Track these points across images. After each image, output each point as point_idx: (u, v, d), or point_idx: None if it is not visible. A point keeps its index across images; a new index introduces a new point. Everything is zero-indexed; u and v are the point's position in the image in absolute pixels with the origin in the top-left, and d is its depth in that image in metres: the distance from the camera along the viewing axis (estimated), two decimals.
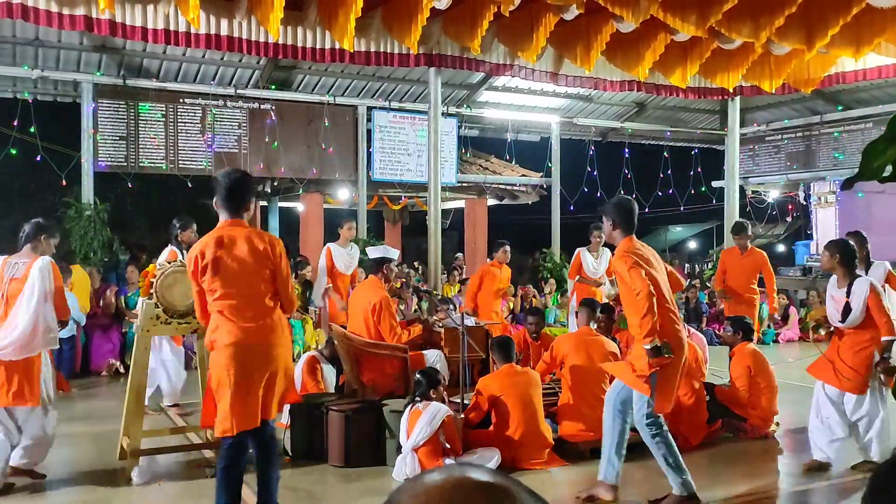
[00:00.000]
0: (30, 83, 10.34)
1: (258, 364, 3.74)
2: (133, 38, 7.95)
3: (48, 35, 9.36)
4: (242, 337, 3.71)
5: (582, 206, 14.67)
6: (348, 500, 4.49)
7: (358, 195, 12.21)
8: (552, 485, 4.83)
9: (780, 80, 10.69)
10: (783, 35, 8.78)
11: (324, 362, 6.23)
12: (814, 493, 4.69)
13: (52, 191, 14.72)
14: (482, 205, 15.55)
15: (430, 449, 4.72)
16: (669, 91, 11.20)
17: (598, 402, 5.51)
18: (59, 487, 4.74)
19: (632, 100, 13.92)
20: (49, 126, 10.62)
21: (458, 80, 12.18)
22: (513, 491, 0.72)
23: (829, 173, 13.98)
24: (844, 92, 13.10)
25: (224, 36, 8.24)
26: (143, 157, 10.50)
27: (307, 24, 8.64)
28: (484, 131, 14.39)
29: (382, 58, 9.14)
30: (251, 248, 3.78)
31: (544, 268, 13.60)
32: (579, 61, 9.50)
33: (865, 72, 10.54)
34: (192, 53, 10.17)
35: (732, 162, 12.89)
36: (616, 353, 5.78)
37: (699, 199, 15.57)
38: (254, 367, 3.72)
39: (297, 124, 11.51)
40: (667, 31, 9.00)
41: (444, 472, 0.75)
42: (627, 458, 5.22)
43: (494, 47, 9.64)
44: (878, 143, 1.11)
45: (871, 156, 1.11)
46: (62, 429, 5.90)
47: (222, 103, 10.98)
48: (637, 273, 4.13)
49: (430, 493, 0.71)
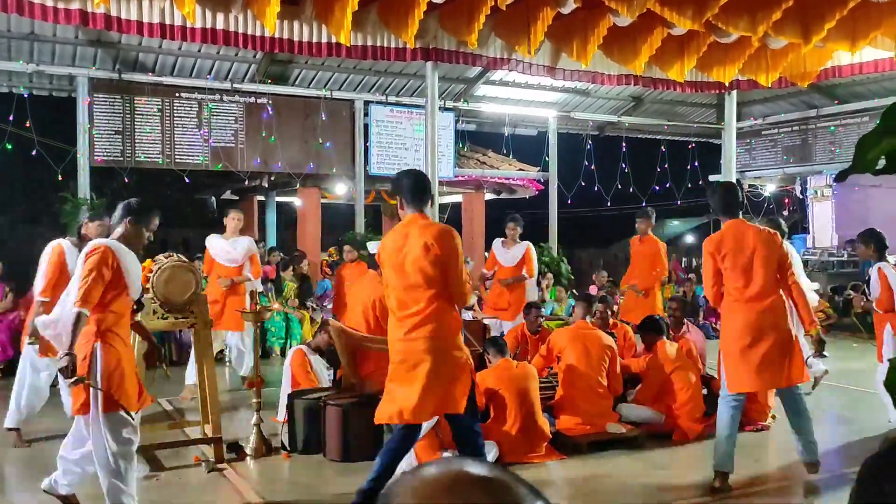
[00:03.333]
0: (25, 78, 10.29)
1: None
2: (128, 32, 7.92)
3: (43, 29, 9.32)
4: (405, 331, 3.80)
5: (579, 201, 14.68)
6: (346, 494, 4.49)
7: (355, 190, 12.19)
8: (549, 478, 4.84)
9: (776, 73, 10.69)
10: (780, 29, 8.77)
11: (311, 354, 6.23)
12: (811, 485, 4.71)
13: (49, 186, 14.68)
14: (480, 199, 15.53)
15: (428, 443, 4.73)
16: (666, 85, 11.19)
17: (595, 396, 5.53)
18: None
19: (629, 94, 13.90)
20: (45, 121, 10.57)
21: (455, 75, 12.15)
22: (510, 484, 0.72)
23: (825, 167, 14.00)
24: (841, 86, 13.10)
25: (220, 30, 8.21)
26: (139, 152, 10.47)
27: (303, 18, 8.61)
28: (481, 126, 14.37)
29: (379, 52, 9.11)
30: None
31: (542, 262, 13.60)
32: (576, 55, 9.48)
33: (861, 65, 10.53)
34: (187, 48, 10.13)
35: (729, 156, 12.89)
36: (612, 347, 5.79)
37: (696, 192, 15.58)
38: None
39: (294, 119, 11.48)
40: (663, 24, 8.98)
41: (441, 465, 0.75)
42: (624, 453, 5.25)
43: (491, 41, 9.62)
44: (872, 135, 1.11)
45: (864, 148, 1.11)
46: (58, 424, 5.92)
47: (219, 98, 10.95)
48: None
49: (426, 487, 0.71)
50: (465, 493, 0.70)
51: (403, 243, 3.84)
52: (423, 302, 3.77)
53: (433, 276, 3.76)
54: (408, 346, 3.80)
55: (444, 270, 3.77)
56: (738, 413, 4.52)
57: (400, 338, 3.83)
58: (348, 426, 5.10)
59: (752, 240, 4.41)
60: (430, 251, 3.75)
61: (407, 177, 4.00)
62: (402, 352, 3.83)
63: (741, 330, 4.37)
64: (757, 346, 4.34)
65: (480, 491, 0.70)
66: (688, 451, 5.38)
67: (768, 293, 4.38)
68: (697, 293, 12.73)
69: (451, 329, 3.86)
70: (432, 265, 3.75)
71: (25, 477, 4.88)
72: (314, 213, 13.19)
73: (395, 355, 3.86)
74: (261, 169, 11.46)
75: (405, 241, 3.84)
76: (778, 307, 4.41)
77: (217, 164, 10.95)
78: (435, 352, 3.78)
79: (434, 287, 3.77)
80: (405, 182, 3.96)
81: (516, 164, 14.59)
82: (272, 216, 16.08)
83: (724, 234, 4.50)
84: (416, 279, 3.77)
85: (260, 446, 5.21)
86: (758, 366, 4.33)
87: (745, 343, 4.35)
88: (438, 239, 3.77)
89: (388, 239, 3.93)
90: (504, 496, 0.70)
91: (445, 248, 3.76)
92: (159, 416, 6.30)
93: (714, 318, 11.51)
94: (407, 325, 3.80)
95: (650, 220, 8.34)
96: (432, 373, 3.75)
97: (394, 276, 3.84)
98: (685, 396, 5.66)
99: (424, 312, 3.77)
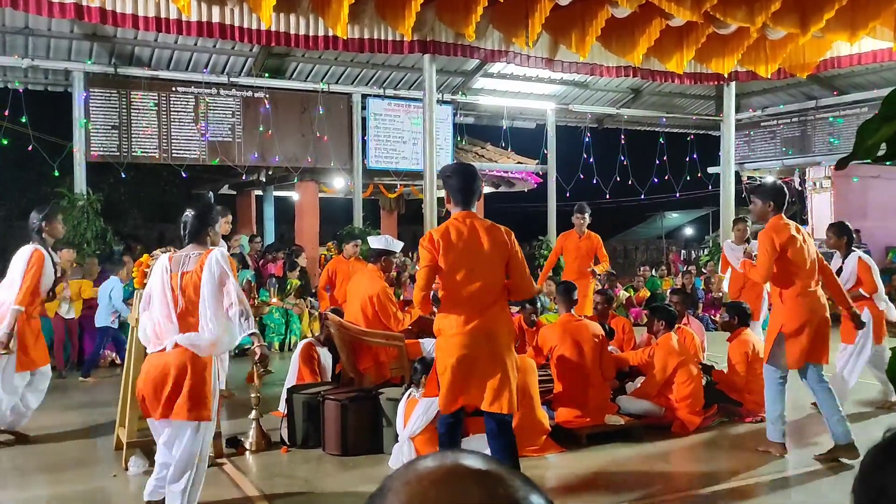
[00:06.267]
0: (20, 72, 10.26)
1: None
2: (124, 25, 7.89)
3: (38, 23, 9.27)
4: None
5: (578, 193, 14.66)
6: (345, 488, 4.49)
7: (353, 183, 12.17)
8: (549, 471, 4.84)
9: (775, 64, 10.67)
10: (778, 19, 8.75)
11: (319, 347, 6.24)
12: (811, 476, 4.71)
13: (45, 181, 14.64)
14: None
15: (427, 437, 4.72)
16: (665, 77, 11.17)
17: (592, 388, 5.52)
18: (55, 477, 4.73)
19: (627, 86, 13.88)
20: (40, 116, 10.55)
21: (452, 67, 12.12)
22: (506, 478, 0.71)
23: (824, 158, 13.99)
24: (839, 76, 13.08)
25: (216, 23, 8.18)
26: (135, 147, 10.44)
27: (300, 10, 8.58)
28: (479, 118, 14.35)
29: (376, 45, 9.08)
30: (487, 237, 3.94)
31: (541, 255, 13.61)
32: (574, 47, 9.46)
33: (860, 56, 10.52)
34: (183, 41, 10.09)
35: (728, 147, 12.87)
36: (600, 334, 5.76)
37: (695, 185, 15.59)
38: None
39: (291, 112, 11.45)
40: (662, 16, 8.96)
41: (438, 458, 0.74)
42: (623, 445, 5.25)
43: (489, 33, 9.59)
44: (873, 122, 1.09)
45: (865, 134, 1.10)
46: (59, 419, 5.92)
47: (215, 91, 10.92)
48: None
49: (422, 480, 0.70)
50: (461, 486, 0.69)
51: (475, 238, 3.91)
52: (493, 296, 3.91)
53: (503, 272, 3.95)
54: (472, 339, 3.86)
55: (516, 266, 3.97)
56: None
57: (463, 331, 3.86)
58: (347, 420, 5.09)
59: (802, 234, 5.00)
60: (502, 248, 3.92)
61: (456, 175, 4.07)
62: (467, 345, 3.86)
63: (808, 314, 4.83)
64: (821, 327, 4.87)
65: (475, 484, 0.69)
66: (687, 443, 5.38)
67: (817, 282, 4.98)
68: (697, 285, 12.74)
69: (511, 323, 4.18)
70: (502, 261, 3.93)
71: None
72: (312, 207, 13.18)
73: (460, 348, 3.86)
74: (258, 163, 11.44)
75: (475, 236, 3.91)
76: (823, 295, 4.99)
77: (214, 158, 10.92)
78: (506, 346, 3.94)
79: (502, 282, 3.95)
80: (454, 181, 4.04)
81: (515, 157, 14.57)
82: (270, 210, 16.07)
83: (784, 226, 4.90)
84: (480, 272, 3.88)
85: (259, 441, 5.20)
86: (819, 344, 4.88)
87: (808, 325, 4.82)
88: (509, 236, 3.97)
89: (452, 232, 3.91)
90: (499, 489, 0.69)
91: (515, 246, 3.98)
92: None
93: (713, 310, 11.51)
94: (473, 317, 3.86)
95: (587, 217, 8.26)
96: (509, 363, 3.92)
97: (464, 270, 3.87)
98: (686, 390, 5.65)
99: (487, 304, 3.89)
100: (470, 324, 3.84)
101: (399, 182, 13.35)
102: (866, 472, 0.91)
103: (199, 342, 3.70)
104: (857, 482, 0.91)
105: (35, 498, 4.39)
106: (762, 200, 4.98)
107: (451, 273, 3.86)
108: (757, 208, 5.05)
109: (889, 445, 0.91)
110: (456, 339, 3.86)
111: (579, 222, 8.21)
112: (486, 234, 3.91)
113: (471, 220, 3.97)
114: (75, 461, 5.05)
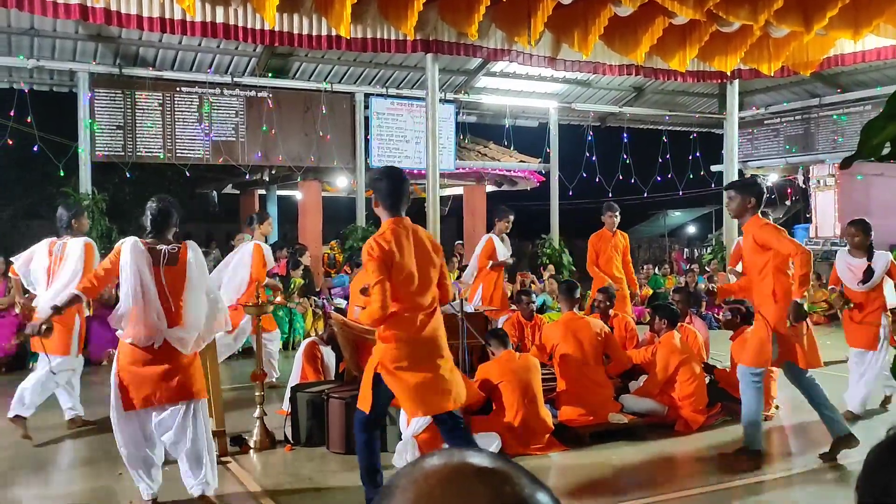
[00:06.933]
0: (26, 73, 10.29)
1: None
2: (128, 26, 7.90)
3: (43, 24, 9.30)
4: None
5: (581, 192, 14.66)
6: (349, 487, 4.50)
7: (356, 182, 12.19)
8: (552, 470, 4.85)
9: (778, 62, 10.65)
10: (782, 17, 8.74)
11: (322, 346, 6.25)
12: (815, 474, 4.71)
13: (50, 181, 14.68)
14: (481, 191, 15.53)
15: (431, 436, 4.73)
16: (668, 75, 11.15)
17: (595, 386, 5.53)
18: (61, 475, 4.76)
19: (630, 84, 13.86)
20: (45, 116, 10.57)
21: (455, 66, 12.12)
22: (512, 475, 0.71)
23: (828, 156, 13.96)
24: (843, 74, 13.05)
25: (220, 24, 8.19)
26: (140, 147, 10.46)
27: (303, 10, 8.59)
28: (482, 117, 14.35)
29: (379, 44, 9.09)
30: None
31: (543, 253, 13.61)
32: (577, 46, 9.45)
33: (864, 53, 10.49)
34: (188, 42, 10.11)
35: (731, 145, 12.85)
36: (603, 330, 5.77)
37: (698, 183, 15.56)
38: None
39: (295, 112, 11.46)
40: (665, 14, 8.95)
41: (444, 456, 0.74)
42: (627, 444, 5.26)
43: (492, 32, 9.59)
44: (878, 121, 1.10)
45: (870, 133, 1.10)
46: (63, 418, 5.94)
47: (219, 91, 10.94)
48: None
49: (430, 478, 0.71)
50: (467, 484, 0.70)
51: (420, 244, 3.93)
52: (431, 298, 3.95)
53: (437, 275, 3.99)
54: (426, 340, 3.90)
55: (444, 271, 4.06)
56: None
57: (416, 336, 3.86)
58: (350, 419, 5.10)
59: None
60: (439, 253, 4.01)
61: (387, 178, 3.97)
62: (424, 345, 3.89)
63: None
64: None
65: (482, 481, 0.70)
66: (690, 441, 5.38)
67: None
68: (699, 282, 12.72)
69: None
70: (439, 265, 4.00)
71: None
72: (315, 207, 13.19)
73: (418, 350, 3.87)
74: (262, 163, 11.46)
75: (419, 241, 3.93)
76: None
77: (218, 158, 10.94)
78: (445, 345, 4.01)
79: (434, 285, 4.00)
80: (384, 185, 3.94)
81: (517, 156, 14.57)
82: (273, 209, 16.08)
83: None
84: (429, 278, 3.93)
85: (263, 439, 5.22)
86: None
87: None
88: (436, 241, 4.11)
89: (399, 239, 3.88)
90: (505, 486, 0.70)
91: (441, 251, 4.08)
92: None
93: (716, 309, 11.50)
94: (422, 320, 3.89)
95: (618, 215, 8.27)
96: (451, 363, 4.00)
97: (415, 276, 3.87)
98: (689, 389, 5.65)
99: (434, 308, 3.96)
100: (425, 329, 3.86)
101: None
102: (870, 470, 0.92)
103: (187, 336, 3.97)
104: (860, 480, 0.92)
105: (40, 496, 4.41)
106: (742, 196, 4.75)
107: (406, 281, 3.81)
108: (735, 204, 4.79)
109: (892, 443, 0.92)
110: (412, 345, 3.83)
111: (611, 220, 8.21)
112: (427, 239, 3.98)
113: (408, 225, 3.92)
114: (80, 459, 5.07)
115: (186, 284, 4.01)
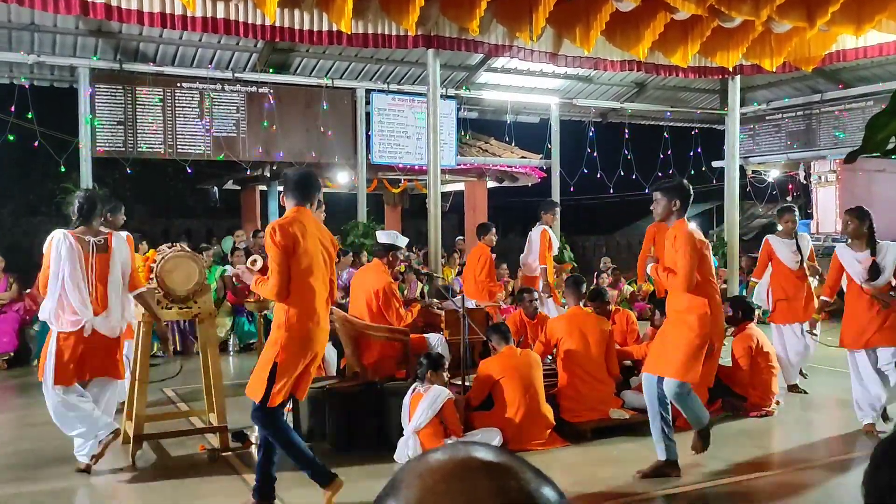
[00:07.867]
0: (26, 68, 10.26)
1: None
2: (129, 21, 7.89)
3: (44, 20, 9.28)
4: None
5: (582, 188, 14.63)
6: (350, 483, 4.51)
7: (357, 178, 12.18)
8: (553, 465, 4.85)
9: (780, 58, 10.62)
10: (784, 13, 8.72)
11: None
12: (817, 471, 4.72)
13: (51, 177, 14.66)
14: (482, 187, 15.51)
15: (432, 431, 4.74)
16: (669, 71, 11.13)
17: (597, 382, 5.53)
18: (63, 471, 4.76)
19: (631, 80, 13.83)
20: (46, 112, 10.56)
21: (456, 62, 12.10)
22: (517, 470, 0.71)
23: (829, 152, 13.93)
24: (845, 70, 13.02)
25: (220, 19, 8.17)
26: (141, 142, 10.45)
27: (304, 6, 8.57)
28: (483, 113, 14.32)
29: (380, 39, 9.06)
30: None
31: None
32: (579, 41, 9.43)
33: (866, 49, 10.46)
34: (188, 37, 10.09)
35: (732, 142, 12.82)
36: (610, 330, 5.78)
37: (699, 179, 15.53)
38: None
39: (296, 108, 11.45)
40: (667, 9, 8.92)
41: (449, 451, 0.74)
42: (628, 439, 5.26)
43: (493, 28, 9.56)
44: (882, 117, 1.10)
45: (874, 129, 1.10)
46: None
47: (220, 87, 10.92)
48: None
49: (434, 473, 0.71)
50: (472, 478, 0.70)
51: (323, 234, 4.10)
52: (326, 290, 4.08)
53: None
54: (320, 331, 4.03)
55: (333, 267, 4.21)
56: None
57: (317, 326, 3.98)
58: (352, 415, 5.11)
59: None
60: (335, 247, 4.16)
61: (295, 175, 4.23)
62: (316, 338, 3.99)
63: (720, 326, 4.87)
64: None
65: (487, 476, 0.70)
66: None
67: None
68: None
69: None
70: (332, 259, 4.15)
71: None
72: None
73: (312, 342, 3.96)
74: (262, 158, 11.45)
75: (321, 232, 4.09)
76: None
77: (219, 153, 10.94)
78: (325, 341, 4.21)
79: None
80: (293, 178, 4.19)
81: (518, 152, 14.55)
82: (274, 205, 16.05)
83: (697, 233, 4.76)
84: (326, 270, 4.08)
85: None
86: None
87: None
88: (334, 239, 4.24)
89: (300, 226, 3.96)
90: (510, 481, 0.70)
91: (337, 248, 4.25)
92: (165, 406, 6.32)
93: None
94: (321, 310, 4.02)
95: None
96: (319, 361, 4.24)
97: (313, 265, 3.98)
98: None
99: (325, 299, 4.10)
100: (319, 319, 3.98)
101: (403, 177, 13.34)
102: (877, 466, 0.91)
103: (113, 323, 4.56)
104: (867, 476, 0.92)
105: (39, 492, 4.42)
106: (667, 198, 4.53)
107: (307, 268, 3.92)
108: (660, 207, 4.56)
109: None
110: (308, 334, 3.93)
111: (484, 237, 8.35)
112: (324, 232, 4.10)
113: (309, 216, 4.06)
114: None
115: (111, 270, 4.55)
